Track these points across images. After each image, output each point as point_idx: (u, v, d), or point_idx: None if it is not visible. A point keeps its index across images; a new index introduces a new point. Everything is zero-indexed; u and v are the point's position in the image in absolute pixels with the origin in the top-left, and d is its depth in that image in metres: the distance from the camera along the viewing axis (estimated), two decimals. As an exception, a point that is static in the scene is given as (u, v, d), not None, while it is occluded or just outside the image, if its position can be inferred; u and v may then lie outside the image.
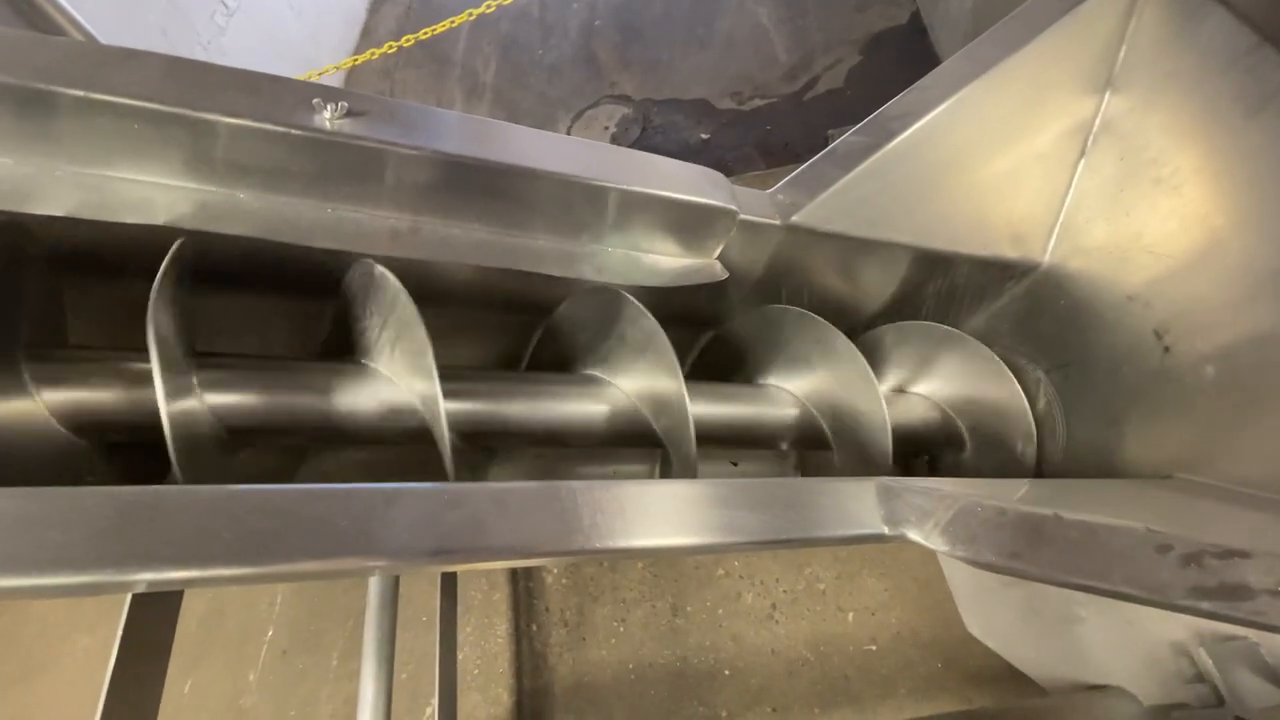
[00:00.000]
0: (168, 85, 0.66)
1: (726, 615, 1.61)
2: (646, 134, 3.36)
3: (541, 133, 0.84)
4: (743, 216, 0.89)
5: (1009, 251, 1.10)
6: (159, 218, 0.68)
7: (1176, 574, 0.56)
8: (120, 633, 0.74)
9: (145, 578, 0.42)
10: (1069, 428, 1.08)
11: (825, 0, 3.46)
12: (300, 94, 0.70)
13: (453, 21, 2.39)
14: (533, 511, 0.53)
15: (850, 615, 1.56)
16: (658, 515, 0.57)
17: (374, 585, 1.12)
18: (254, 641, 1.92)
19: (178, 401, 0.62)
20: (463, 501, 0.51)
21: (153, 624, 0.76)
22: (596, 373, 0.94)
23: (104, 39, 1.58)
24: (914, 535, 0.64)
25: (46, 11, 1.16)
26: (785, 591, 1.61)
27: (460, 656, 1.65)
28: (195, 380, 0.69)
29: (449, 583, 1.30)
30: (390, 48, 2.42)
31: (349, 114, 0.70)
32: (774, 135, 3.14)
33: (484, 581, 1.79)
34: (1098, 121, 1.05)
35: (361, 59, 2.76)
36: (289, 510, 0.46)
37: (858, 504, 0.65)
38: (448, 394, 0.70)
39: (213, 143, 0.68)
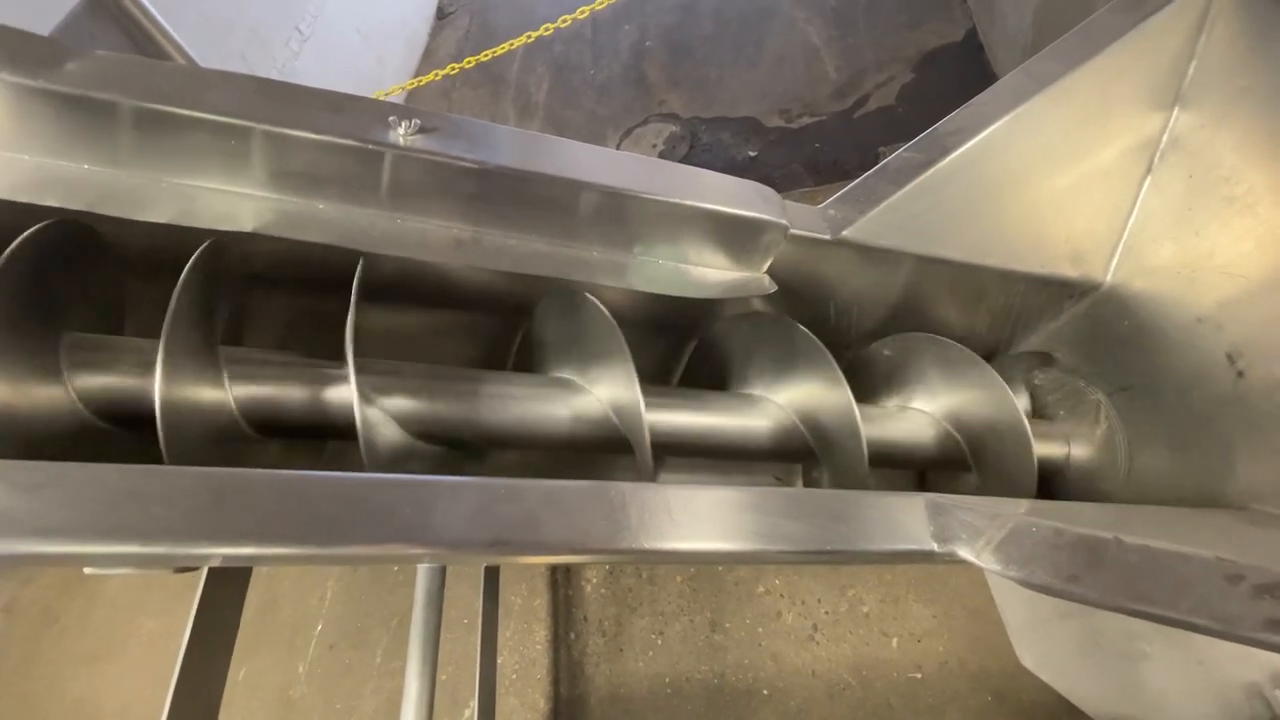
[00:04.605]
0: (260, 104, 0.72)
1: (766, 634, 1.59)
2: (694, 151, 3.40)
3: (596, 148, 0.87)
4: (793, 231, 0.90)
5: (1068, 270, 1.07)
6: (246, 226, 0.74)
7: (1249, 606, 0.54)
8: (194, 610, 0.78)
9: (226, 552, 0.46)
10: (1131, 454, 1.03)
11: (877, 17, 3.45)
12: (377, 112, 0.75)
13: (511, 44, 2.49)
14: (584, 509, 0.55)
15: (895, 641, 1.52)
16: (705, 520, 0.58)
17: (420, 583, 1.15)
18: (304, 635, 1.99)
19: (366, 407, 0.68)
20: (519, 496, 0.53)
21: (223, 604, 0.81)
22: (753, 391, 0.98)
23: (195, 63, 1.71)
24: (965, 553, 0.63)
25: (155, 38, 1.27)
26: (827, 613, 1.58)
27: (499, 660, 1.68)
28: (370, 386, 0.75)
29: (491, 586, 1.33)
30: (453, 69, 2.53)
31: (421, 130, 0.74)
32: (823, 153, 3.13)
33: (524, 587, 1.82)
34: (1165, 138, 1.02)
35: (426, 79, 2.89)
36: (359, 497, 0.49)
37: (906, 519, 0.64)
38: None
39: (297, 156, 0.73)
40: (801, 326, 0.89)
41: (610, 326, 0.78)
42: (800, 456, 0.99)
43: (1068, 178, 1.03)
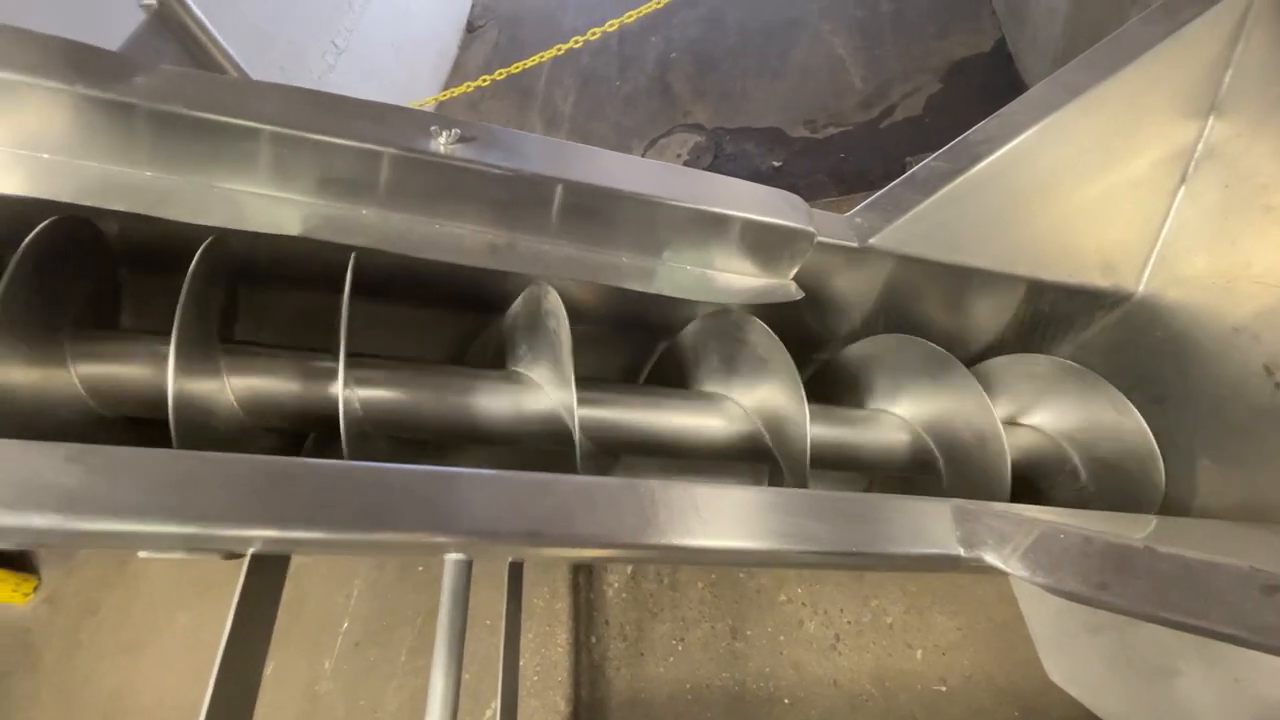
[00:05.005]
0: (309, 114, 0.75)
1: (788, 642, 1.58)
2: (718, 162, 3.42)
3: (627, 156, 0.89)
4: (820, 238, 0.91)
5: (1099, 280, 1.06)
6: (294, 230, 0.78)
7: (1285, 617, 0.53)
8: (236, 600, 0.81)
9: (276, 535, 0.48)
10: (1165, 466, 1.02)
11: (904, 28, 3.44)
12: (419, 122, 0.78)
13: (541, 57, 2.54)
14: (614, 504, 0.56)
15: (919, 653, 1.50)
16: (730, 518, 0.59)
17: (447, 582, 1.17)
18: (330, 632, 2.03)
19: (346, 394, 0.71)
20: (554, 490, 0.55)
21: (262, 594, 0.83)
22: (717, 390, 0.98)
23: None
24: (991, 558, 0.63)
25: (211, 52, 1.34)
26: (850, 622, 1.57)
27: (520, 662, 1.70)
28: (351, 377, 0.78)
29: (515, 586, 1.35)
30: (484, 81, 2.59)
31: (461, 139, 0.77)
32: (848, 163, 3.13)
33: (546, 590, 1.84)
34: (1200, 147, 1.01)
35: (458, 91, 2.96)
36: (402, 487, 0.52)
37: (932, 523, 0.65)
38: (582, 401, 0.76)
39: (343, 164, 0.77)
40: (760, 323, 0.89)
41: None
42: (761, 458, 0.98)
43: (1098, 187, 1.02)
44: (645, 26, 4.24)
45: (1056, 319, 1.11)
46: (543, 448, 0.92)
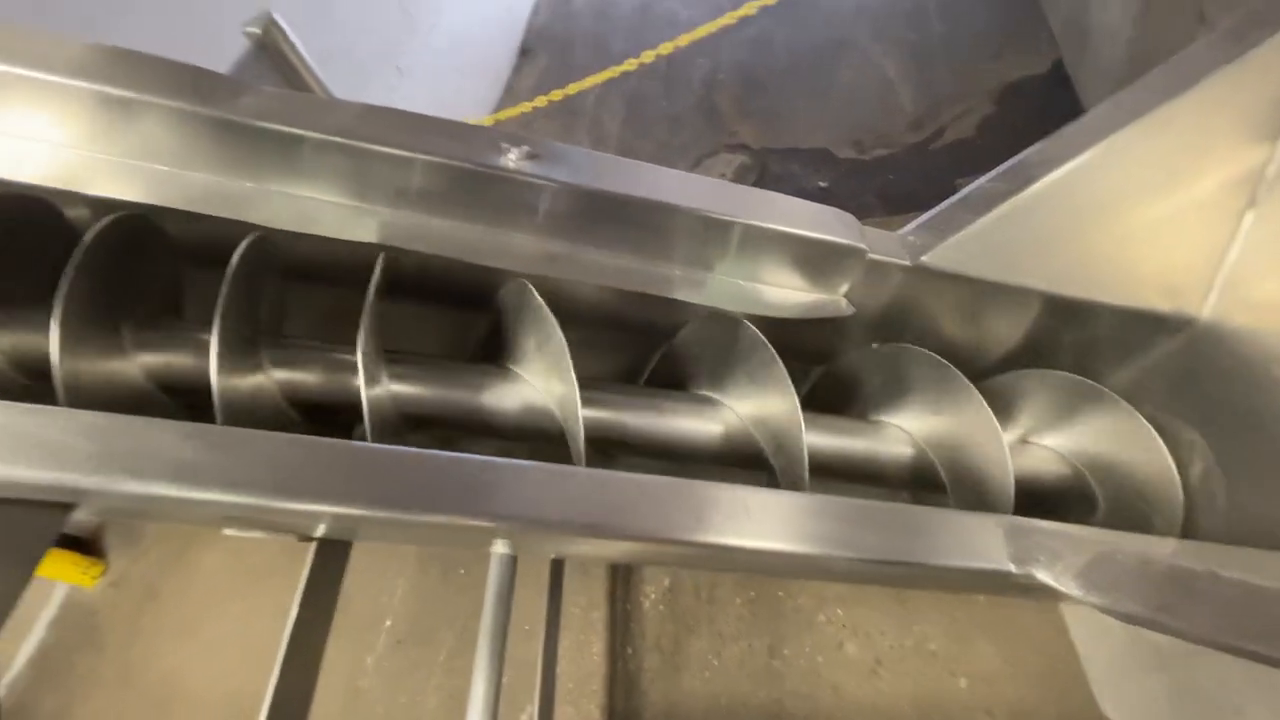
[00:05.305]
0: (390, 132, 0.81)
1: (827, 664, 1.56)
2: (763, 181, 3.44)
3: (682, 173, 0.93)
4: (871, 255, 0.92)
5: (1160, 304, 1.04)
6: (372, 236, 0.84)
7: (1359, 649, 0.52)
8: (302, 585, 0.87)
9: (365, 514, 0.52)
10: (1230, 498, 0.98)
11: (956, 50, 3.41)
12: (490, 139, 0.84)
13: (595, 79, 2.62)
14: (668, 501, 0.59)
15: (963, 681, 1.46)
16: (781, 522, 0.61)
17: (491, 582, 1.21)
18: (374, 629, 2.09)
19: (374, 388, 0.75)
20: (609, 486, 0.58)
21: (326, 581, 0.89)
22: (712, 394, 1.00)
23: (314, 96, 1.91)
24: (1043, 576, 0.63)
25: (303, 75, 1.46)
26: (891, 647, 1.54)
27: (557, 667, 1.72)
28: (386, 373, 0.83)
29: (556, 582, 1.38)
30: (541, 101, 2.69)
31: (528, 156, 0.82)
32: (896, 184, 3.11)
33: (583, 599, 1.86)
34: (1270, 170, 0.99)
35: (508, 113, 3.07)
36: (472, 475, 0.55)
37: (982, 537, 0.65)
38: (583, 401, 0.79)
39: (419, 177, 0.82)
40: (751, 326, 0.88)
41: (547, 318, 0.80)
42: (757, 465, 0.97)
43: (1160, 210, 1.01)
44: (692, 48, 4.31)
45: (1115, 343, 1.09)
46: (540, 442, 0.95)
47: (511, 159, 0.81)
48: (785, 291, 0.95)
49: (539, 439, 0.93)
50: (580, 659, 1.77)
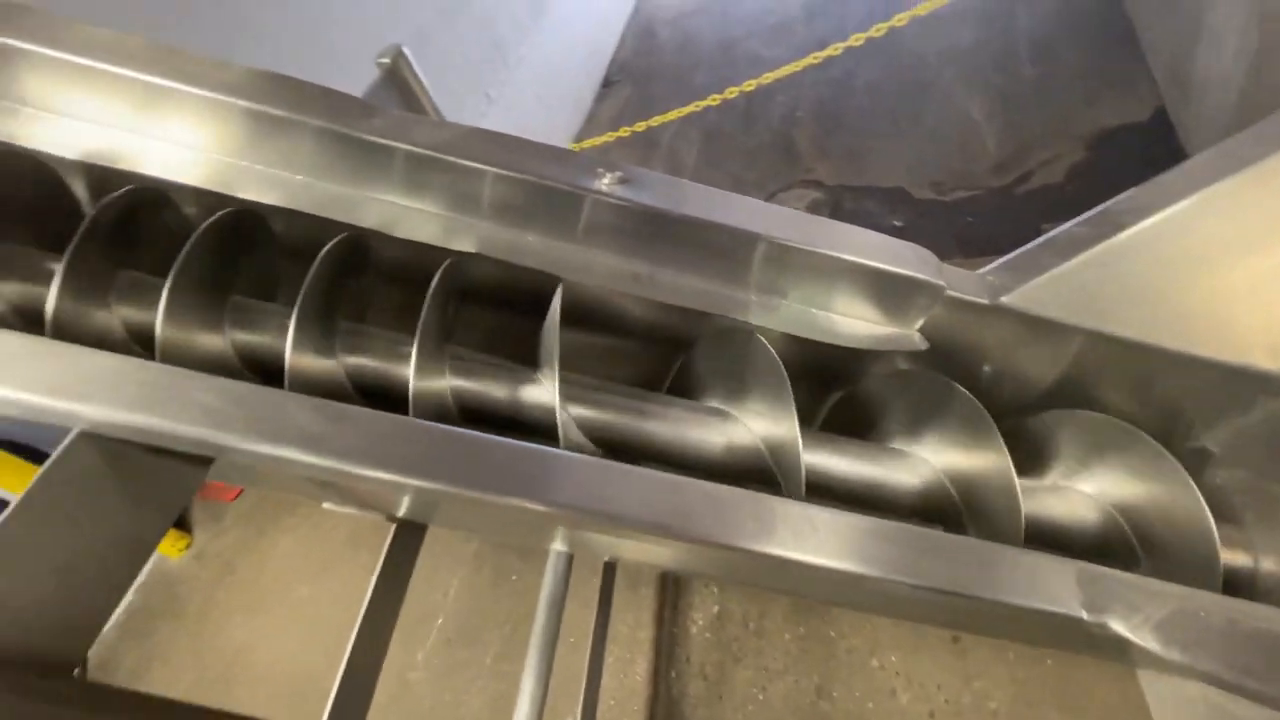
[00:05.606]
0: (497, 153, 0.89)
1: (877, 711, 1.50)
2: (836, 218, 3.42)
3: (762, 202, 0.96)
4: (949, 292, 0.92)
5: (1265, 361, 0.99)
6: (471, 248, 0.91)
7: None
8: (380, 567, 0.93)
9: (463, 494, 0.58)
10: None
11: (1048, 93, 3.33)
12: (587, 163, 0.90)
13: (681, 111, 2.72)
14: (737, 511, 0.61)
15: (1025, 749, 1.38)
16: (845, 541, 0.62)
17: (546, 586, 1.25)
18: (426, 625, 2.17)
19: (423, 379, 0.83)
20: (682, 490, 0.61)
21: (402, 561, 0.95)
22: (723, 406, 1.02)
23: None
24: (1119, 627, 0.61)
25: (420, 100, 1.62)
26: (947, 701, 1.47)
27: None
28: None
29: (608, 583, 1.41)
30: (625, 132, 2.81)
31: (621, 181, 0.88)
32: (975, 227, 3.04)
33: (630, 617, 1.87)
34: (1393, 227, 0.93)
35: (596, 141, 3.21)
36: (555, 466, 0.60)
37: (1052, 579, 0.64)
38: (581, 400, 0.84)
39: (519, 195, 0.90)
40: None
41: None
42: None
43: (1266, 264, 0.96)
44: (774, 87, 4.38)
45: (1209, 399, 1.04)
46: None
47: (605, 183, 0.87)
48: (858, 323, 0.96)
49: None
50: (623, 677, 1.78)
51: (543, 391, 0.90)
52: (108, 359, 0.61)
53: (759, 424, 0.92)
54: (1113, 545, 0.96)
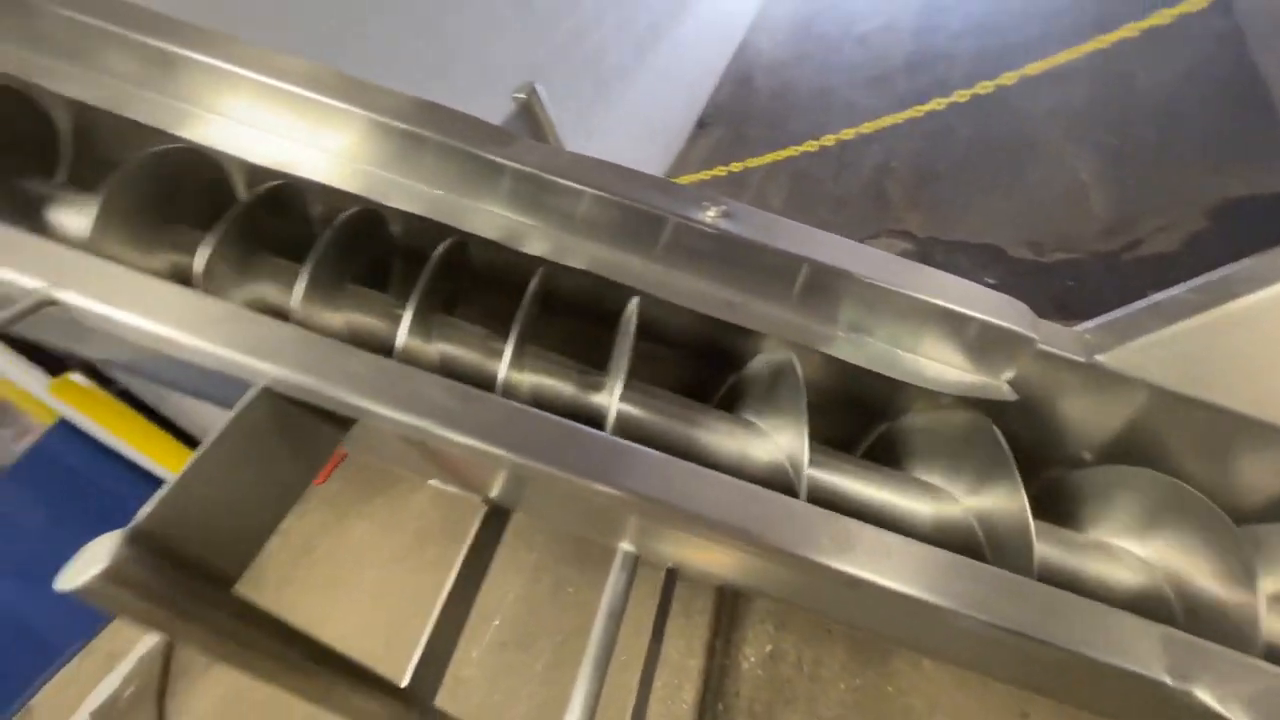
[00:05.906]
0: (613, 181, 0.98)
1: (930, 777, 1.44)
2: (925, 269, 3.36)
3: (859, 244, 1.00)
4: (1042, 346, 0.93)
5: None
6: (583, 264, 1.00)
7: None
8: (465, 549, 1.01)
9: (561, 476, 0.64)
10: None
11: (1167, 158, 3.16)
12: (693, 196, 0.98)
13: (772, 157, 2.80)
14: (813, 527, 0.64)
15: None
16: (919, 571, 0.64)
17: (614, 573, 1.28)
18: (483, 625, 2.25)
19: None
20: (762, 501, 0.65)
21: (486, 545, 1.03)
22: (758, 422, 1.03)
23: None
24: (1205, 696, 0.59)
25: (545, 130, 1.79)
26: (1008, 779, 1.39)
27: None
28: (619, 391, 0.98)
29: (668, 589, 1.43)
30: (721, 171, 2.90)
31: (724, 214, 0.95)
32: (1075, 292, 2.90)
33: (682, 643, 1.88)
34: None
35: (685, 180, 3.33)
36: (652, 465, 0.65)
37: (1133, 638, 0.62)
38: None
39: (629, 221, 0.98)
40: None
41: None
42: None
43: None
44: (870, 136, 4.39)
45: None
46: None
47: (709, 215, 0.95)
48: (946, 368, 0.98)
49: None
50: (670, 703, 1.78)
51: (605, 395, 0.97)
52: (286, 329, 0.72)
53: (786, 440, 0.96)
54: (1150, 610, 0.92)
